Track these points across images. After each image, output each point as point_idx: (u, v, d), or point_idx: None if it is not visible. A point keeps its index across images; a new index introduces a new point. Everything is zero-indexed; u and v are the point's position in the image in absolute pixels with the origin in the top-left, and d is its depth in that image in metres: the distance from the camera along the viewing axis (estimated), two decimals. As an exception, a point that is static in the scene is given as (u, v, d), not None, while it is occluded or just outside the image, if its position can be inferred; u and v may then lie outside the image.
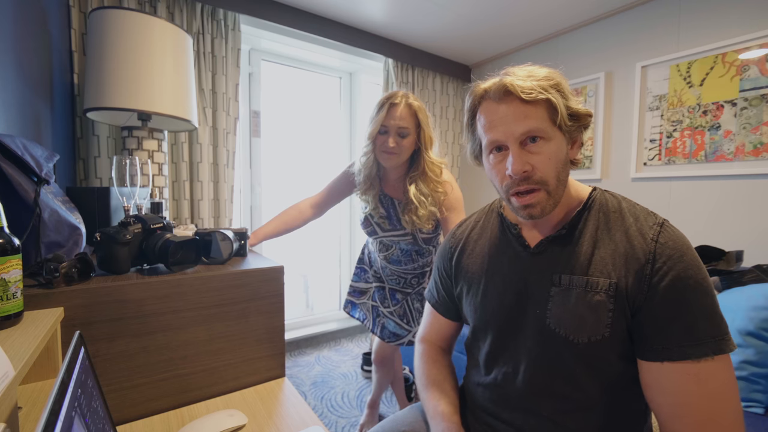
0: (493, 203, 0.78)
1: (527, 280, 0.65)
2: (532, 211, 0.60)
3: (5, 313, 0.53)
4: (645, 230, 0.57)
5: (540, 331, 0.62)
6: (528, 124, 0.57)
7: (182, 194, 1.77)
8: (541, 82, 0.58)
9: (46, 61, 1.25)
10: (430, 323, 0.84)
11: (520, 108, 0.58)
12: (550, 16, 2.12)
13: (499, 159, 0.62)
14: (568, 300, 0.59)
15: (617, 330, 0.56)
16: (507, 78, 0.59)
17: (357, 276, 1.47)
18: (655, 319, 0.53)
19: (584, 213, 0.63)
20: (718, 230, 1.72)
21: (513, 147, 0.59)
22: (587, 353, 0.58)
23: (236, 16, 1.87)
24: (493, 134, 0.60)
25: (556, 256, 0.62)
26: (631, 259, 0.56)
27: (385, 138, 1.13)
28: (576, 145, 0.64)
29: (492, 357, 0.68)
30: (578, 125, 0.61)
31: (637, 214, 0.60)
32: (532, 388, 0.62)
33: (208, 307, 0.81)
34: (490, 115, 0.61)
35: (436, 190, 1.15)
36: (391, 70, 2.44)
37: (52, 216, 0.75)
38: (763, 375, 1.07)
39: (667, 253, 0.54)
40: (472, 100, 0.64)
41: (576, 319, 0.58)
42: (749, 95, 1.60)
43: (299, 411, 0.78)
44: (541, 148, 0.58)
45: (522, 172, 0.58)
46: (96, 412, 0.48)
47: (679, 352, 0.51)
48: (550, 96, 0.57)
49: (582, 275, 0.59)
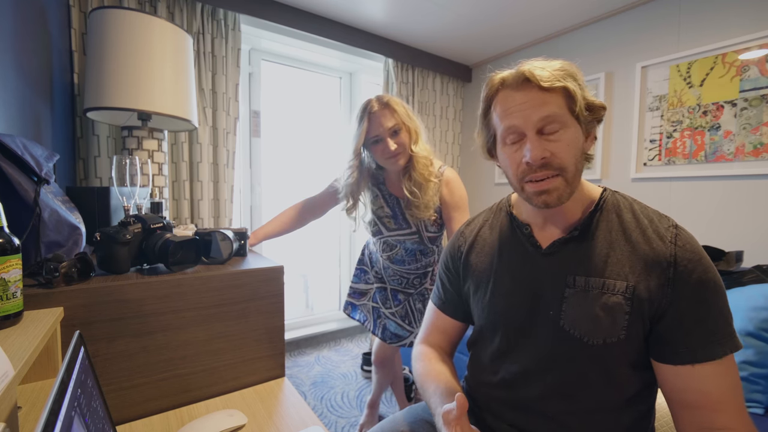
0: (501, 202, 0.77)
1: (539, 280, 0.64)
2: (548, 198, 0.59)
3: (5, 312, 0.53)
4: (662, 232, 0.57)
5: (553, 333, 0.61)
6: (546, 110, 0.57)
7: (182, 194, 1.77)
8: (558, 71, 0.58)
9: (46, 60, 1.25)
10: (433, 325, 0.81)
11: (538, 95, 0.57)
12: (550, 16, 2.11)
13: (515, 148, 0.61)
14: (584, 301, 0.59)
15: (633, 333, 0.56)
16: (525, 67, 0.59)
17: (357, 277, 1.47)
18: (682, 322, 0.54)
19: (596, 214, 0.62)
20: (718, 230, 1.72)
21: (531, 134, 0.58)
22: (601, 355, 0.58)
23: (236, 16, 1.87)
24: (510, 120, 0.60)
25: (569, 258, 0.62)
26: (651, 263, 0.56)
27: (382, 145, 1.12)
28: (590, 138, 0.63)
29: (499, 357, 0.68)
30: (593, 117, 0.61)
31: (651, 216, 0.60)
32: (540, 388, 0.62)
33: (208, 307, 0.81)
34: (508, 102, 0.60)
35: (429, 179, 1.15)
36: (391, 70, 2.44)
37: (52, 216, 0.75)
38: (762, 375, 1.07)
39: (687, 256, 0.54)
40: (488, 90, 0.64)
41: (592, 321, 0.58)
42: (749, 95, 1.60)
43: (299, 411, 0.78)
44: (559, 135, 0.58)
45: (541, 158, 0.57)
46: (96, 411, 0.48)
47: (709, 352, 0.53)
48: (567, 84, 0.57)
49: (599, 277, 0.59)
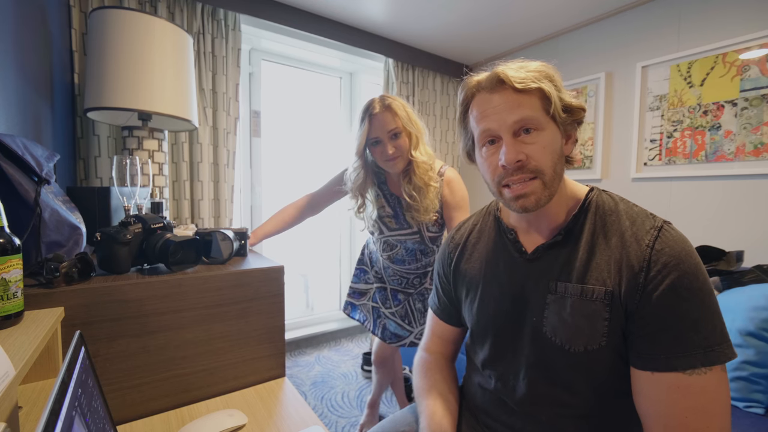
0: (490, 205, 0.76)
1: (524, 286, 0.63)
2: (525, 202, 0.58)
3: (6, 312, 0.53)
4: (641, 235, 0.55)
5: (536, 339, 0.60)
6: (521, 113, 0.56)
7: (182, 194, 1.77)
8: (533, 73, 0.57)
9: (46, 60, 1.25)
10: (432, 331, 0.82)
11: (512, 97, 0.57)
12: (550, 16, 2.11)
13: (491, 151, 0.60)
14: (564, 308, 0.58)
15: (614, 338, 0.55)
16: (499, 68, 0.58)
17: (357, 277, 1.47)
18: (645, 327, 0.52)
19: (580, 216, 0.61)
20: (718, 230, 1.72)
21: (506, 137, 0.57)
22: (583, 362, 0.56)
23: (236, 16, 1.87)
24: (485, 123, 0.59)
25: (552, 263, 0.61)
26: (625, 267, 0.54)
27: (381, 148, 1.12)
28: (570, 140, 0.62)
29: (490, 362, 0.68)
30: (572, 119, 0.60)
31: (634, 216, 0.57)
32: (530, 394, 0.61)
33: (208, 307, 0.81)
34: (483, 105, 0.60)
35: (429, 183, 1.14)
36: (391, 70, 2.44)
37: (53, 216, 0.75)
38: (763, 375, 1.07)
39: (662, 260, 0.51)
40: (465, 93, 0.63)
41: (571, 328, 0.57)
42: (750, 95, 1.60)
43: (299, 411, 0.78)
44: (534, 138, 0.57)
45: (516, 161, 0.56)
46: (96, 411, 0.48)
47: (666, 363, 0.50)
48: (542, 85, 0.56)
49: (577, 283, 0.57)
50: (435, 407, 0.67)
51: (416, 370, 0.78)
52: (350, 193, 1.25)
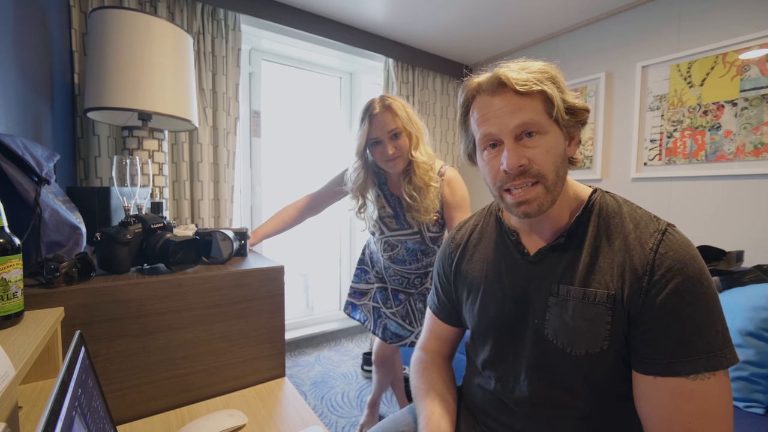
0: (491, 205, 0.75)
1: (526, 288, 0.62)
2: (528, 208, 0.57)
3: (6, 312, 0.53)
4: (644, 239, 0.54)
5: (538, 341, 0.60)
6: (523, 117, 0.55)
7: (182, 194, 1.77)
8: (535, 74, 0.56)
9: (46, 60, 1.25)
10: (431, 331, 0.81)
11: (514, 100, 0.55)
12: (550, 16, 2.11)
13: (493, 155, 0.59)
14: (566, 311, 0.57)
15: (616, 343, 0.54)
16: (500, 70, 0.57)
17: (357, 277, 1.47)
18: (648, 331, 0.51)
19: (583, 218, 0.60)
20: (718, 230, 1.72)
21: (508, 141, 0.56)
22: (585, 365, 0.56)
23: (236, 16, 1.87)
24: (486, 127, 0.58)
25: (554, 265, 0.60)
26: (628, 270, 0.53)
27: (381, 148, 1.12)
28: (574, 142, 0.61)
29: (491, 363, 0.67)
30: (576, 121, 0.58)
31: (638, 219, 0.56)
32: (531, 395, 0.61)
33: (208, 307, 0.81)
34: (484, 108, 0.58)
35: (429, 184, 1.14)
36: (391, 70, 2.44)
37: (53, 216, 0.75)
38: (763, 375, 1.07)
39: (666, 264, 0.51)
40: (466, 95, 0.62)
41: (573, 332, 0.56)
42: (750, 95, 1.60)
43: (299, 411, 0.78)
44: (537, 141, 0.56)
45: (518, 166, 0.55)
46: (96, 411, 0.48)
47: (669, 368, 0.49)
48: (545, 87, 0.55)
49: (580, 286, 0.57)
50: (433, 408, 0.67)
51: (413, 369, 0.78)
52: (351, 193, 1.25)
